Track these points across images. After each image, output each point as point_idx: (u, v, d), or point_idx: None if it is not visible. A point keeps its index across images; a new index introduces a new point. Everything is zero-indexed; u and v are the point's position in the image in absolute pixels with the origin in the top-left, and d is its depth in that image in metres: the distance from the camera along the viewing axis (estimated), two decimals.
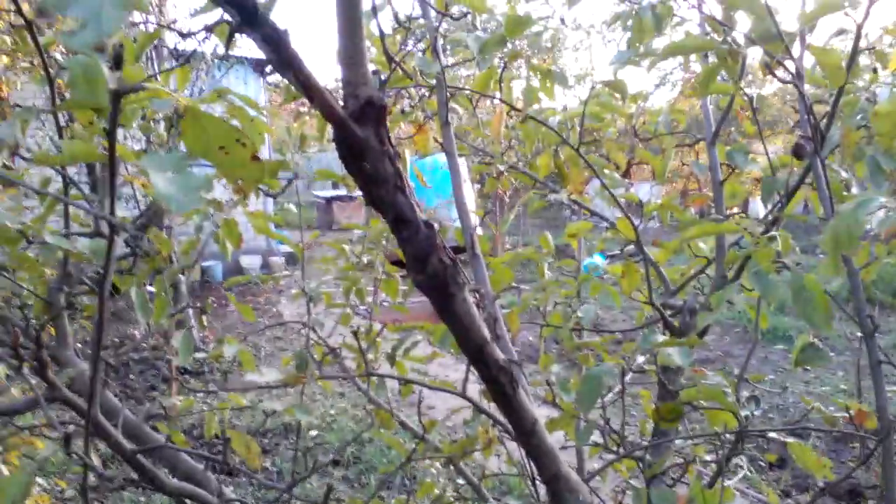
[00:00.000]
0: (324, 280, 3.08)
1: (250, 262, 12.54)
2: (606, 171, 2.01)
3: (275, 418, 6.03)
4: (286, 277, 11.60)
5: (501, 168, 2.09)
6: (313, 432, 5.70)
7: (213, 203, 1.55)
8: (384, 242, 2.54)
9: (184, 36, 0.92)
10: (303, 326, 2.63)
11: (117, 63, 0.55)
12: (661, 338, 1.27)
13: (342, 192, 16.43)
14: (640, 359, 2.51)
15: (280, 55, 0.77)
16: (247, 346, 1.99)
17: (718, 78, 1.49)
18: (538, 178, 2.09)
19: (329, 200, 16.58)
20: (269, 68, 12.10)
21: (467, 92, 1.77)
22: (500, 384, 1.04)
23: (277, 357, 7.81)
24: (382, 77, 1.32)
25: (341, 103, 0.88)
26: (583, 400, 1.15)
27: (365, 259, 2.82)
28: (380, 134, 0.89)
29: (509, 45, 1.54)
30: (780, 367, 7.06)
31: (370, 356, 2.44)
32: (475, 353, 1.02)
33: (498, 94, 1.68)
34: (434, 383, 1.80)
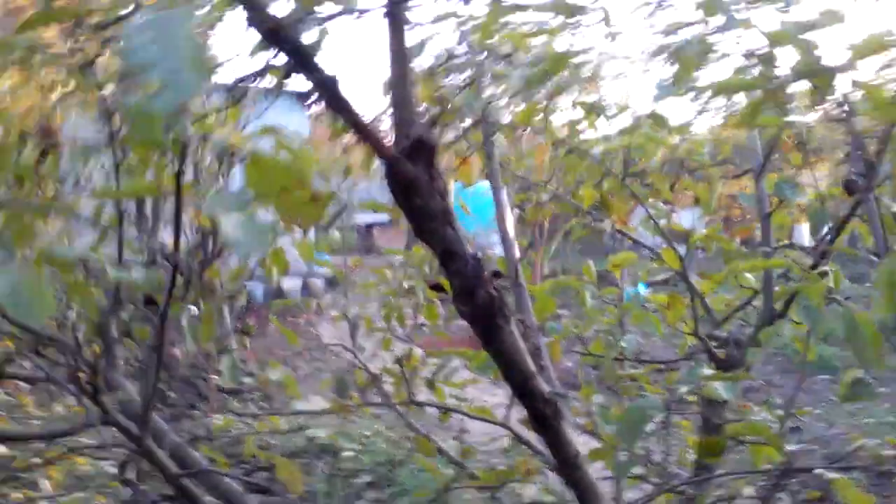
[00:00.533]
0: (365, 305, 3.12)
1: (291, 284, 12.63)
2: (650, 200, 2.01)
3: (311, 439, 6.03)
4: (326, 297, 11.66)
5: (545, 197, 2.10)
6: (348, 453, 5.70)
7: None
8: (426, 269, 2.57)
9: (240, 80, 0.96)
10: (343, 349, 2.66)
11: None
12: (707, 371, 1.26)
13: (382, 217, 16.50)
14: (683, 389, 2.48)
15: (333, 99, 0.79)
16: (287, 367, 2.03)
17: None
18: (582, 207, 2.09)
19: (369, 226, 16.66)
20: (312, 98, 12.29)
21: (511, 124, 1.79)
22: (544, 417, 1.04)
23: (315, 377, 7.83)
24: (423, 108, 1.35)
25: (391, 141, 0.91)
26: (626, 433, 1.15)
27: (406, 285, 2.85)
28: (430, 171, 0.91)
29: (552, 80, 1.55)
30: (825, 398, 6.87)
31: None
32: (520, 385, 1.02)
33: (541, 127, 1.70)
34: (473, 410, 1.81)
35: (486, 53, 1.57)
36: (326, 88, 0.77)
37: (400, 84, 0.89)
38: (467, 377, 2.49)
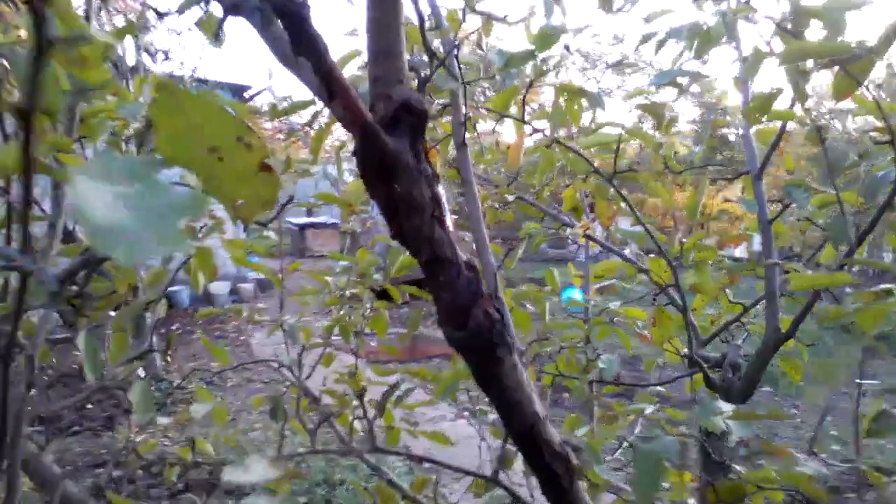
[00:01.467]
0: (302, 312, 2.85)
1: (219, 288, 12.17)
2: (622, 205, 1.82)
3: (240, 454, 5.74)
4: (258, 306, 11.20)
5: (510, 198, 1.88)
6: None
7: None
8: (374, 276, 2.32)
9: (161, 16, 0.71)
10: (279, 366, 2.39)
11: None
12: (724, 406, 1.06)
13: (316, 219, 16.18)
14: (649, 409, 2.30)
15: (298, 34, 0.56)
16: (214, 383, 1.77)
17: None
18: (548, 210, 1.89)
19: (302, 227, 16.30)
20: (248, 94, 11.83)
21: (485, 112, 1.57)
22: (552, 474, 0.81)
23: (244, 388, 7.48)
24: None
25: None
26: (641, 486, 0.94)
27: (348, 293, 2.60)
28: (416, 148, 0.67)
29: (538, 60, 1.34)
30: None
31: (354, 402, 2.21)
32: (523, 432, 0.79)
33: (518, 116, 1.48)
34: (442, 441, 1.58)
35: (456, 33, 1.35)
36: (291, 18, 0.54)
37: (384, 28, 0.66)
38: (420, 397, 2.27)
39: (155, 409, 1.20)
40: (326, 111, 1.63)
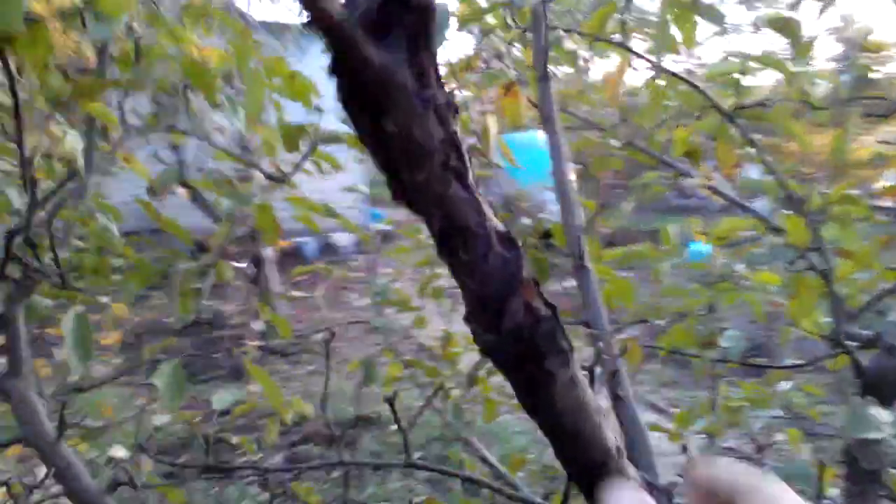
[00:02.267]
0: (399, 271, 2.72)
1: (343, 240, 12.33)
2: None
3: (358, 408, 5.80)
4: (352, 263, 11.37)
5: (616, 144, 1.61)
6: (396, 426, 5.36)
7: (221, 182, 1.15)
8: None
9: None
10: (372, 329, 2.27)
11: None
12: (883, 415, 0.79)
13: None
14: (785, 385, 2.00)
15: None
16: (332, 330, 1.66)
17: None
18: (664, 157, 1.61)
19: None
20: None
21: (575, 35, 1.30)
22: None
23: (363, 340, 7.51)
24: None
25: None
26: None
27: None
28: (419, 62, 0.45)
29: None
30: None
31: (447, 372, 2.05)
32: (589, 470, 0.56)
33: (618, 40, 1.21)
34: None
35: None
36: None
37: None
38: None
39: (182, 394, 1.05)
40: None
